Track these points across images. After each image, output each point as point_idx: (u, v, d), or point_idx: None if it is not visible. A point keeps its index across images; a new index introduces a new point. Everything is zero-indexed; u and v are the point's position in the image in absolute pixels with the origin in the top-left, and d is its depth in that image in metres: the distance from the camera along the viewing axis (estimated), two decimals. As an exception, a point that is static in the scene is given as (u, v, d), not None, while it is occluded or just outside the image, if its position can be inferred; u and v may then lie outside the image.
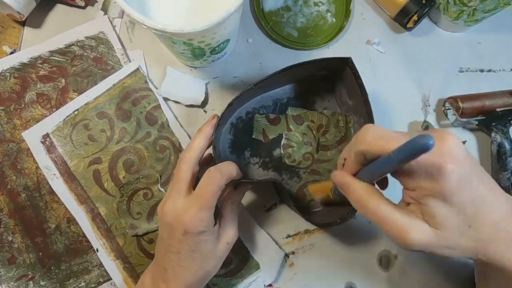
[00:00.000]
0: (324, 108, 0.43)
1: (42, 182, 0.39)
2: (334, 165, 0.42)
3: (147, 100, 0.41)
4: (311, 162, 0.42)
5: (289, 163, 0.41)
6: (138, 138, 0.40)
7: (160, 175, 0.40)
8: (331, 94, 0.43)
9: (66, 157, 0.39)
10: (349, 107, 0.41)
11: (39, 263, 0.38)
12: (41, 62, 0.41)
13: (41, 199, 0.39)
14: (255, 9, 0.44)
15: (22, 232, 0.38)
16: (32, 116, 0.40)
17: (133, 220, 0.39)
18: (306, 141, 0.42)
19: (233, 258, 0.39)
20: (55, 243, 0.38)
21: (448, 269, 0.41)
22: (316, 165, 0.42)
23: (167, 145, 0.40)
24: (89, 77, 0.42)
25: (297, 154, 0.42)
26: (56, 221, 0.39)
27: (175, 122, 0.41)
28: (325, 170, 0.42)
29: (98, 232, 0.39)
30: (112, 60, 0.42)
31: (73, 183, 0.39)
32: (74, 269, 0.38)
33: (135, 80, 0.41)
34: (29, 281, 0.38)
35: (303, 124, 0.42)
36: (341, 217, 0.35)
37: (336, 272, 0.40)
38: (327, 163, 0.42)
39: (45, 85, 0.41)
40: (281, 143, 0.42)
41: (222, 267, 0.38)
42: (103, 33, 0.43)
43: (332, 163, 0.42)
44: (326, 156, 0.42)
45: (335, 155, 0.42)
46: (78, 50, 0.42)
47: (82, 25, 0.43)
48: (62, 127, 0.40)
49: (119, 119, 0.41)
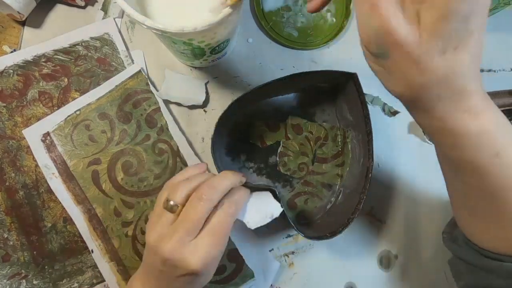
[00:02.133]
0: (324, 121, 0.43)
1: (41, 181, 0.39)
2: (328, 178, 0.42)
3: (147, 103, 0.41)
4: (305, 173, 0.42)
5: (283, 171, 0.41)
6: (138, 141, 0.40)
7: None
8: (331, 107, 0.43)
9: (66, 156, 0.39)
10: (348, 122, 0.41)
11: (33, 262, 0.38)
12: (45, 60, 0.41)
13: (39, 198, 0.39)
14: (255, 9, 0.44)
15: (18, 230, 0.38)
16: (34, 114, 0.40)
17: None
18: (302, 151, 0.42)
19: (227, 266, 0.39)
20: (51, 242, 0.38)
21: (448, 269, 0.41)
22: (310, 176, 0.42)
23: (166, 149, 0.40)
24: (92, 78, 0.42)
25: (293, 164, 0.41)
26: (53, 220, 0.39)
27: (174, 126, 0.41)
28: (319, 182, 0.42)
29: (94, 233, 0.39)
30: (115, 62, 0.42)
31: (72, 183, 0.39)
32: (68, 269, 0.38)
33: (136, 82, 0.41)
34: (22, 279, 0.37)
35: (301, 134, 0.42)
36: (331, 231, 0.35)
37: (336, 272, 0.40)
38: (322, 175, 0.42)
39: (47, 84, 0.41)
40: (277, 150, 0.41)
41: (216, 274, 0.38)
42: (108, 34, 0.43)
43: (326, 177, 0.42)
44: (321, 168, 0.42)
45: (330, 168, 0.42)
46: (82, 50, 0.42)
47: (87, 26, 0.43)
48: (63, 126, 0.40)
49: (120, 121, 0.41)
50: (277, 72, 0.44)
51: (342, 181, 0.42)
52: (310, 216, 0.41)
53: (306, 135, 0.42)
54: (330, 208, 0.41)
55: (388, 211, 0.42)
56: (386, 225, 0.42)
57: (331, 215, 0.40)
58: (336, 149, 0.42)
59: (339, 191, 0.41)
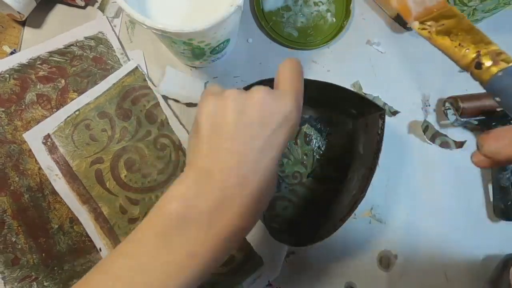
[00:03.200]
0: (336, 144, 0.42)
1: (45, 183, 0.39)
2: (313, 196, 0.40)
3: (146, 99, 0.41)
4: (297, 182, 0.41)
5: (277, 171, 0.40)
6: (139, 137, 0.40)
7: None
8: (344, 132, 0.42)
9: (68, 157, 0.39)
10: (356, 154, 0.40)
11: (42, 264, 0.38)
12: (40, 63, 0.41)
13: (44, 200, 0.39)
14: (255, 9, 0.44)
15: (25, 233, 0.38)
16: (33, 117, 0.40)
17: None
18: (303, 161, 0.41)
19: (236, 256, 0.39)
20: (58, 243, 0.38)
21: (448, 269, 0.41)
22: (299, 188, 0.41)
23: (168, 143, 0.40)
24: (89, 77, 0.42)
25: (289, 168, 0.41)
26: (59, 222, 0.39)
27: (174, 120, 0.41)
28: (303, 197, 0.40)
29: (101, 231, 0.39)
30: (111, 60, 0.42)
31: (75, 183, 0.39)
32: (77, 269, 0.38)
33: (134, 78, 0.41)
34: (33, 282, 0.38)
35: (310, 145, 0.41)
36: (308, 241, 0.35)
37: (336, 272, 0.40)
38: (309, 192, 0.41)
39: (44, 86, 0.41)
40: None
41: (225, 264, 0.38)
42: (102, 33, 0.43)
43: (312, 194, 0.41)
44: (312, 185, 0.41)
45: (320, 191, 0.41)
46: (77, 50, 0.42)
47: (81, 26, 0.43)
48: (63, 127, 0.40)
49: (120, 119, 0.41)
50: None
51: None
52: (284, 222, 0.40)
53: (315, 149, 0.41)
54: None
55: (388, 211, 0.42)
56: (386, 225, 0.42)
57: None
58: (334, 177, 0.41)
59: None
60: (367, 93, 0.44)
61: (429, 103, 0.44)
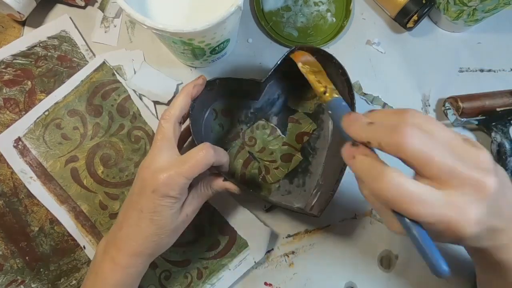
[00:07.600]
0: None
1: (19, 187, 0.38)
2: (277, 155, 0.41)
3: (116, 93, 0.41)
4: (268, 162, 0.40)
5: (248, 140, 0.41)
6: (112, 132, 0.40)
7: None
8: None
9: (41, 158, 0.39)
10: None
11: (27, 267, 0.38)
12: (4, 67, 0.40)
13: (20, 204, 0.38)
14: (255, 9, 0.43)
15: (5, 239, 0.38)
16: (1, 122, 0.40)
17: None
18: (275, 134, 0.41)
19: (221, 240, 0.39)
20: (41, 245, 0.38)
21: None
22: (272, 166, 0.40)
23: (141, 135, 0.40)
24: (56, 76, 0.41)
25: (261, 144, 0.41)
26: (39, 224, 0.38)
27: (146, 111, 0.40)
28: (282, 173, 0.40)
29: (83, 229, 0.38)
30: (77, 57, 0.42)
31: (52, 184, 0.39)
32: (64, 269, 0.38)
33: (102, 74, 0.41)
34: (20, 285, 0.37)
35: (299, 139, 0.41)
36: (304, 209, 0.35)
37: (336, 272, 0.40)
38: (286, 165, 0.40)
39: (11, 89, 0.40)
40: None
41: (211, 249, 0.39)
42: (65, 31, 0.42)
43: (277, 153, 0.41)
44: (286, 169, 0.40)
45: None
46: (41, 50, 0.41)
47: (43, 26, 0.42)
48: (34, 129, 0.39)
49: (91, 115, 0.40)
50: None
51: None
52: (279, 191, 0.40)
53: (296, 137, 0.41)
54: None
55: (388, 211, 0.42)
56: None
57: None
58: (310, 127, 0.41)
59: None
60: (367, 93, 0.43)
61: (429, 103, 0.44)
